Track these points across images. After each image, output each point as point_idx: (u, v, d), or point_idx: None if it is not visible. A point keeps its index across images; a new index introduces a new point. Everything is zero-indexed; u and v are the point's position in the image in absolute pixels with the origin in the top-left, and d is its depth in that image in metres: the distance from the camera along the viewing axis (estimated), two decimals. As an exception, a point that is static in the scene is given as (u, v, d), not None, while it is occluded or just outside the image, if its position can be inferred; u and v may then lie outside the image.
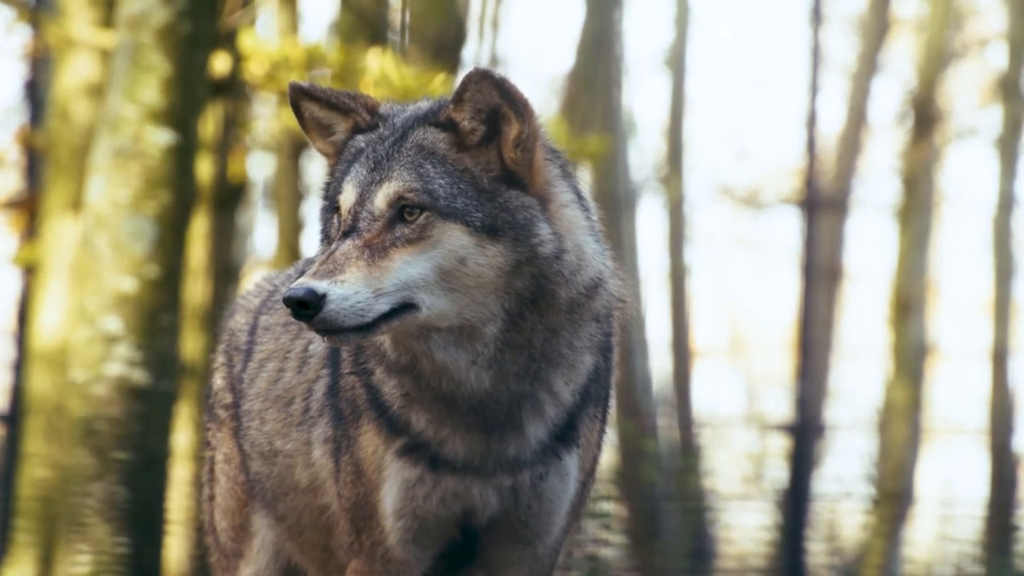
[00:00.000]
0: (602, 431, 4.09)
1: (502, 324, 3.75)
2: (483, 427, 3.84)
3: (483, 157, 3.79)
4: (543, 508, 3.96)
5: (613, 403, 4.14)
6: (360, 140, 3.86)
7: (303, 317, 3.61)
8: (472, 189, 3.75)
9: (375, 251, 3.67)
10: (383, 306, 3.63)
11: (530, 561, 4.02)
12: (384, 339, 3.80)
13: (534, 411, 3.87)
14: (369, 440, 3.93)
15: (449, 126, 3.80)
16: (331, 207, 3.82)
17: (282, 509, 4.31)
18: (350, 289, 3.61)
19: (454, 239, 3.70)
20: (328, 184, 3.90)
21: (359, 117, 3.89)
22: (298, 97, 3.90)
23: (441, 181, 3.74)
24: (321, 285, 3.59)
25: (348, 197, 3.76)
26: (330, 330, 3.62)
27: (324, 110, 3.91)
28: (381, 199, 3.72)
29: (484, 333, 3.75)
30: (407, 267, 3.67)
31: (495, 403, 3.83)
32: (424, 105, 3.92)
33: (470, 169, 3.78)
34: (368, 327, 3.63)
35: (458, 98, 3.78)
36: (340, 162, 3.88)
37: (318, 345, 4.17)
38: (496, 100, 3.77)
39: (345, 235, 3.69)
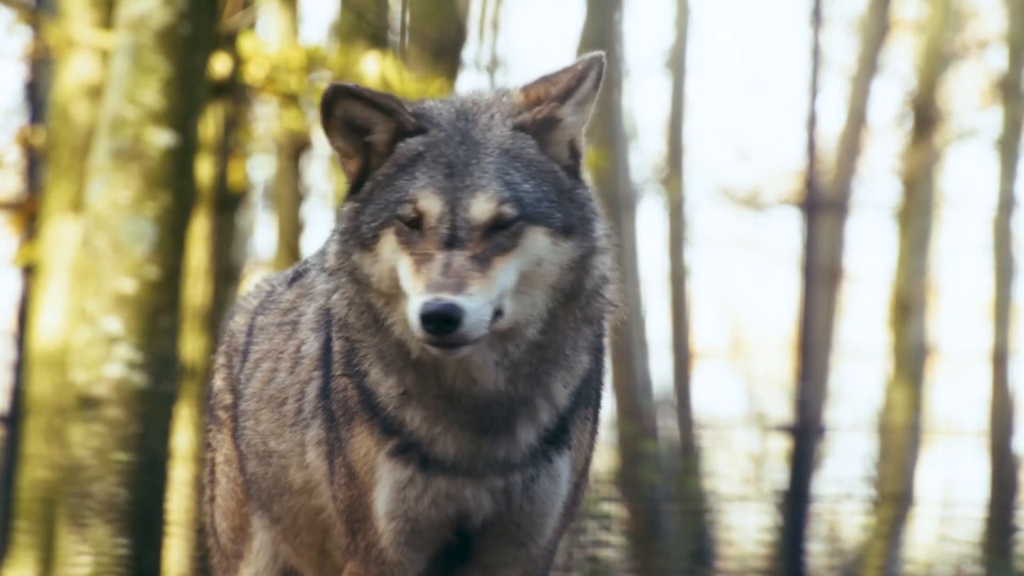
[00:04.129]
0: (594, 432, 4.08)
1: (541, 325, 3.76)
2: (476, 428, 3.84)
3: (562, 153, 3.81)
4: (535, 509, 3.94)
5: (603, 404, 4.13)
6: (415, 143, 3.78)
7: (441, 332, 3.59)
8: (554, 190, 3.75)
9: (482, 262, 3.65)
10: (491, 316, 3.65)
11: (524, 562, 4.02)
12: (403, 331, 3.76)
13: (529, 416, 3.87)
14: (361, 442, 3.91)
15: (544, 125, 3.80)
16: (386, 210, 3.73)
17: (277, 511, 4.30)
18: (476, 302, 3.61)
19: (537, 243, 3.71)
20: (373, 187, 3.79)
21: (404, 118, 3.80)
22: (339, 96, 3.79)
23: (527, 186, 3.72)
24: (459, 300, 3.58)
25: (433, 204, 3.69)
26: (458, 344, 3.62)
27: (366, 110, 3.79)
28: (478, 210, 3.68)
29: (523, 334, 3.75)
30: (504, 275, 3.67)
31: (498, 405, 3.82)
32: (483, 100, 3.86)
33: (554, 170, 3.78)
34: (481, 339, 3.65)
35: (566, 94, 3.79)
36: (390, 165, 3.78)
37: (310, 346, 4.14)
38: (595, 88, 3.79)
39: (449, 245, 3.65)
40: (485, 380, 3.78)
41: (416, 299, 3.62)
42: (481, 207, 3.69)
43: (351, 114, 3.80)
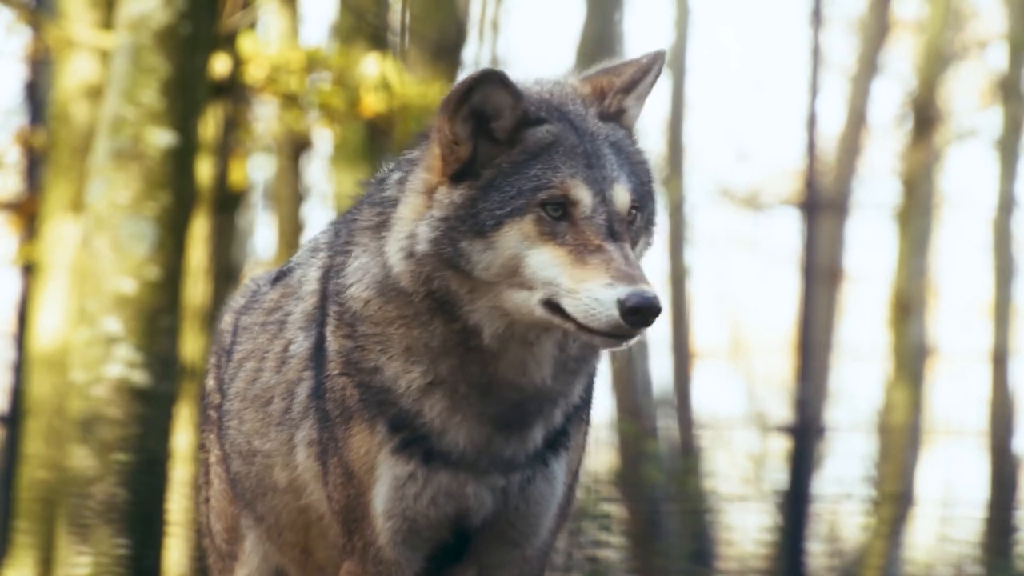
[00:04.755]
0: (587, 433, 4.08)
1: None
2: (497, 422, 3.83)
3: None
4: (530, 510, 3.94)
5: (602, 404, 4.15)
6: (543, 132, 3.75)
7: (644, 324, 3.60)
8: (643, 183, 3.81)
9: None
10: None
11: (520, 563, 4.01)
12: (481, 319, 3.74)
13: (547, 414, 3.87)
14: (361, 441, 3.89)
15: (618, 115, 3.86)
16: (519, 198, 3.69)
17: (261, 510, 4.28)
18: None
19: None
20: (496, 174, 3.73)
21: (528, 107, 3.77)
22: (487, 81, 3.73)
23: (634, 179, 3.77)
24: (656, 292, 3.60)
25: (585, 194, 3.69)
26: (635, 336, 3.64)
27: (505, 96, 3.73)
28: (621, 201, 3.71)
29: None
30: None
31: (532, 400, 3.82)
32: (556, 89, 3.87)
33: (644, 162, 3.84)
34: None
35: (631, 86, 3.85)
36: (518, 153, 3.74)
37: (299, 346, 4.10)
38: (653, 84, 3.87)
39: (612, 237, 3.66)
40: (535, 373, 3.79)
41: (606, 290, 3.59)
42: (622, 198, 3.72)
43: (489, 99, 3.73)
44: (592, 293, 3.61)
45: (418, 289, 3.77)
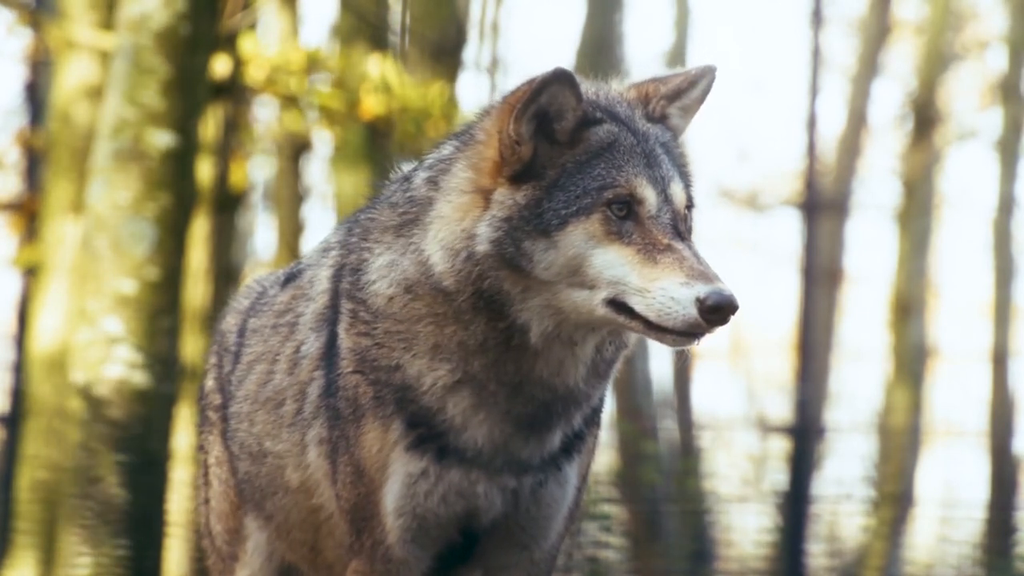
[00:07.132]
0: (597, 436, 4.08)
1: None
2: (519, 422, 3.82)
3: None
4: (541, 513, 3.94)
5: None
6: (603, 132, 3.77)
7: (723, 322, 3.60)
8: (687, 184, 3.82)
9: None
10: None
11: (527, 565, 4.01)
12: (531, 318, 3.73)
13: (569, 417, 3.88)
14: (374, 439, 3.88)
15: (661, 120, 3.89)
16: (584, 197, 3.70)
17: (270, 509, 4.28)
18: None
19: None
20: (560, 174, 3.73)
21: (588, 107, 3.79)
22: (557, 80, 3.72)
23: (686, 179, 3.81)
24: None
25: (650, 192, 3.71)
26: (709, 334, 3.64)
27: (571, 97, 3.74)
28: (679, 200, 3.74)
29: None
30: None
31: (560, 402, 3.82)
32: (599, 91, 3.89)
33: (687, 164, 3.87)
34: None
35: (676, 94, 3.89)
36: (581, 152, 3.74)
37: (310, 346, 4.10)
38: (702, 100, 3.93)
39: (678, 235, 3.68)
40: (570, 374, 3.80)
41: (682, 289, 3.60)
42: (680, 197, 3.75)
43: (556, 100, 3.73)
44: (667, 292, 3.61)
45: (464, 288, 3.75)
